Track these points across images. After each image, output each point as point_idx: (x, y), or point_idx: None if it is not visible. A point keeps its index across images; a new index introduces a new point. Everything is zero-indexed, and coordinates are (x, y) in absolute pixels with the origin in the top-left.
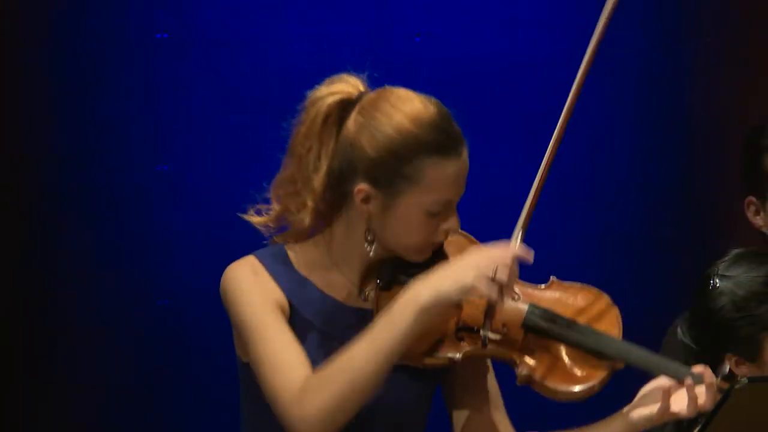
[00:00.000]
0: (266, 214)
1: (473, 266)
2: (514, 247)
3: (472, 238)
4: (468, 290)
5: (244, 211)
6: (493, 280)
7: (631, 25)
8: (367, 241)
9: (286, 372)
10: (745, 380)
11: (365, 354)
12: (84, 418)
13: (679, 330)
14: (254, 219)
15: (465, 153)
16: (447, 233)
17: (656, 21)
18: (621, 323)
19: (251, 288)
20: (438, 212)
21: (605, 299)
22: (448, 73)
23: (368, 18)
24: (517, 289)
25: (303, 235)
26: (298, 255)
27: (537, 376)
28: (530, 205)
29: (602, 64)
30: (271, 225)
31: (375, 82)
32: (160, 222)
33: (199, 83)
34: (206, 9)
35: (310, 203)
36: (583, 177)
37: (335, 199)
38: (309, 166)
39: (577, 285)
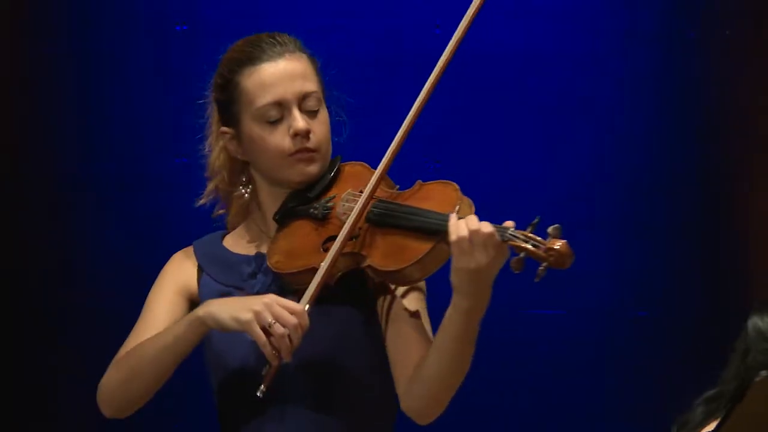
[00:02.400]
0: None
1: (252, 309)
2: (301, 310)
3: (370, 167)
4: (241, 326)
5: None
6: (268, 328)
7: (650, 17)
8: (242, 183)
9: (123, 348)
10: (764, 373)
11: (151, 346)
12: (88, 407)
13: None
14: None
15: (283, 59)
16: (296, 134)
17: (675, 13)
18: (460, 201)
19: (165, 274)
20: (275, 117)
21: (452, 185)
22: (469, 65)
23: (388, 9)
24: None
25: (236, 221)
26: (233, 236)
27: (376, 264)
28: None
29: (620, 58)
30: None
31: (394, 72)
32: (179, 214)
33: None
34: (226, 0)
35: (209, 186)
36: (601, 168)
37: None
38: (207, 149)
39: (435, 182)
